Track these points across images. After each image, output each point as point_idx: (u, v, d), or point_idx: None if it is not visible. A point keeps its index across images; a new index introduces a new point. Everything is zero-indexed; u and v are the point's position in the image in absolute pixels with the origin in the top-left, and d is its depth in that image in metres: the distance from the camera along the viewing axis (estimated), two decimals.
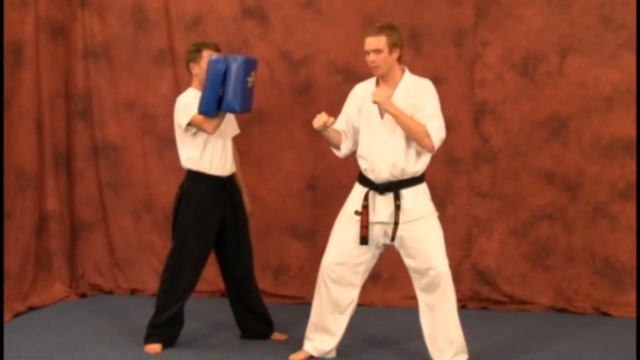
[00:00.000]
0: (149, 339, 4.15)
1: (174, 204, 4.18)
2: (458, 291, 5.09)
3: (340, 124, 3.96)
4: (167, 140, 5.19)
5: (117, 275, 5.62)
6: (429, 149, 3.72)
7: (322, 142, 5.30)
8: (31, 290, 5.16)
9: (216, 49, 4.15)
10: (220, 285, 4.54)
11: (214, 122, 3.98)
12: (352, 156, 5.28)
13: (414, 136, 3.68)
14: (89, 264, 5.64)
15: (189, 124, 4.01)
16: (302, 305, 5.13)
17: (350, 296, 3.90)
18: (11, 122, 5.04)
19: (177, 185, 4.23)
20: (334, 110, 5.28)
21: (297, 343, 4.18)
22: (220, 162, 4.13)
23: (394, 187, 3.73)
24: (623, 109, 4.91)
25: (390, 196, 3.74)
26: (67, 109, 5.53)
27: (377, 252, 3.87)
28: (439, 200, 5.17)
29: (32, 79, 5.21)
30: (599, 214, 5.00)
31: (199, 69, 4.12)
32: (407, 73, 3.81)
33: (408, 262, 3.81)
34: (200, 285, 4.36)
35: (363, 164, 3.83)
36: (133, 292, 5.57)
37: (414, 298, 5.19)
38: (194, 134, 4.05)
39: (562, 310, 5.01)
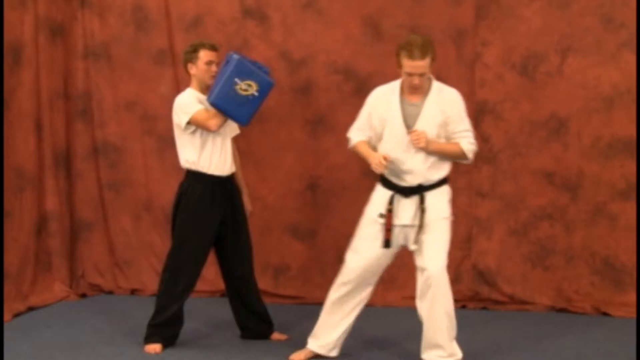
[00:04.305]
0: (148, 339, 4.15)
1: (173, 204, 4.18)
2: (458, 291, 5.14)
3: (364, 131, 3.86)
4: (167, 140, 5.18)
5: (117, 275, 5.62)
6: (465, 162, 3.81)
7: (322, 142, 5.33)
8: (31, 290, 5.16)
9: (213, 48, 4.15)
10: (220, 285, 4.54)
11: (218, 119, 3.98)
12: (352, 156, 5.29)
13: (452, 158, 3.75)
14: (89, 264, 5.64)
15: (189, 123, 4.01)
16: (302, 305, 5.14)
17: (366, 295, 3.93)
18: (10, 122, 5.03)
19: (177, 185, 4.22)
20: (334, 110, 5.32)
21: (297, 343, 4.18)
22: (220, 162, 4.12)
23: (420, 190, 3.72)
24: (623, 109, 4.91)
25: (414, 199, 3.73)
26: (67, 109, 5.53)
27: (395, 253, 3.88)
28: None
29: (31, 79, 5.20)
30: (599, 214, 5.00)
31: (197, 69, 4.12)
32: (434, 81, 3.76)
33: (415, 259, 3.82)
34: (200, 285, 4.36)
35: (386, 170, 3.77)
36: (133, 292, 5.57)
37: (414, 298, 5.21)
38: (193, 133, 4.05)
39: (562, 310, 5.01)
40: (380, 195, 3.81)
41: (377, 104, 3.80)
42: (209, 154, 4.09)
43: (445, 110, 3.69)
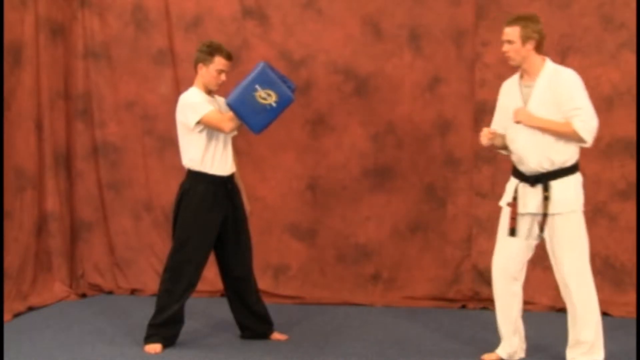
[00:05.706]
0: (148, 339, 4.15)
1: (174, 204, 4.18)
2: (458, 291, 5.15)
3: (495, 123, 3.97)
4: (167, 140, 5.19)
5: (117, 275, 5.62)
6: (584, 143, 3.76)
7: (322, 142, 5.32)
8: (31, 290, 5.16)
9: (229, 57, 4.12)
10: (220, 285, 4.54)
11: (234, 123, 3.98)
12: (352, 156, 5.31)
13: (565, 138, 3.72)
14: (89, 264, 5.64)
15: (199, 122, 4.00)
16: (302, 305, 5.14)
17: (517, 290, 3.98)
18: (10, 122, 5.04)
19: (177, 185, 4.22)
20: (334, 110, 5.32)
21: (297, 343, 4.17)
22: (221, 162, 4.12)
23: (543, 178, 3.75)
24: (623, 109, 4.91)
25: (539, 188, 3.76)
26: (67, 109, 5.54)
27: (532, 243, 3.91)
28: (439, 200, 5.19)
29: (31, 79, 5.21)
30: (599, 214, 4.99)
31: (207, 71, 4.09)
32: (549, 63, 3.79)
33: (550, 256, 3.86)
34: (200, 285, 4.35)
35: (513, 157, 3.87)
36: (133, 292, 5.57)
37: (414, 298, 5.23)
38: (199, 132, 4.04)
39: (562, 310, 4.98)
40: (509, 185, 3.90)
41: (502, 95, 3.95)
42: (212, 153, 4.08)
43: (556, 89, 3.72)
